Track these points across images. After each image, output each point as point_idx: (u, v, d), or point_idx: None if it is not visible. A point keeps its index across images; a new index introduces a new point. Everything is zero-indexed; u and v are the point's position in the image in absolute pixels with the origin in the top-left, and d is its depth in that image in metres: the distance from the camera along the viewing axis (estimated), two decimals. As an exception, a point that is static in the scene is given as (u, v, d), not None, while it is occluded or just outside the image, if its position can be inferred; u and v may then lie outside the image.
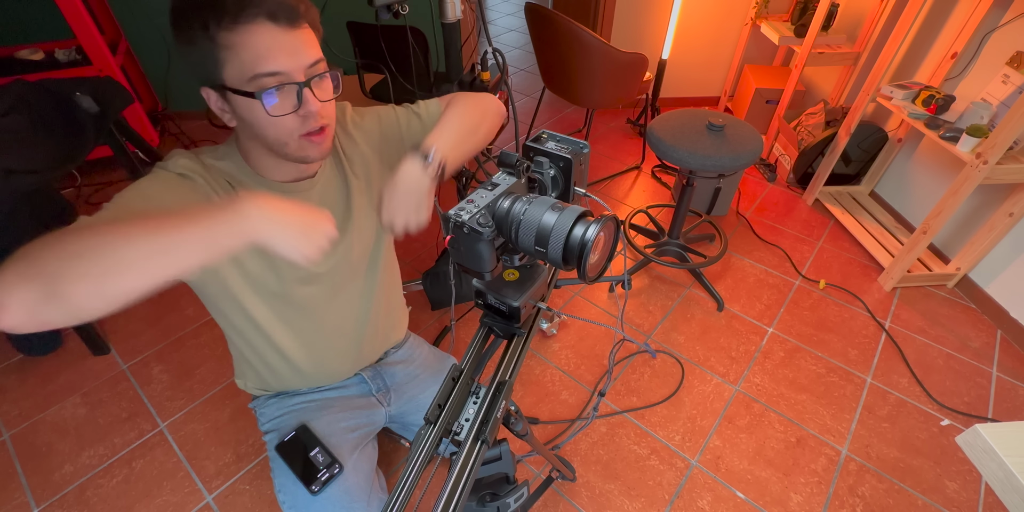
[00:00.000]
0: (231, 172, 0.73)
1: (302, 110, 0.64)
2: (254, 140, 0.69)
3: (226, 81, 0.61)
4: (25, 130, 1.37)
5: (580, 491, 1.32)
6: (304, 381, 1.02)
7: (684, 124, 1.65)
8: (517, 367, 0.66)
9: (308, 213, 0.57)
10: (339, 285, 0.90)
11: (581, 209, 0.52)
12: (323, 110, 0.67)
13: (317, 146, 0.69)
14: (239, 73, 0.60)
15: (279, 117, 0.63)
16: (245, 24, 0.58)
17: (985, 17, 1.73)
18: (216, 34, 0.58)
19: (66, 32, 2.06)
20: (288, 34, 0.61)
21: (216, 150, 0.75)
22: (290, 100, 0.63)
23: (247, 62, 0.59)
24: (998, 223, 1.71)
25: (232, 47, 0.59)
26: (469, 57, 2.82)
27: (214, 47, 0.59)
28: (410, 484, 0.56)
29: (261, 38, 0.59)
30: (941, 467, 1.38)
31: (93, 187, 2.35)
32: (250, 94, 0.61)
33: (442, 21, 1.28)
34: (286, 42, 0.61)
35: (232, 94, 0.62)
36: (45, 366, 1.60)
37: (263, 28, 0.59)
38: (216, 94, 0.64)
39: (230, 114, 0.66)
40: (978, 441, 0.58)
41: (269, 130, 0.65)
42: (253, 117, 0.64)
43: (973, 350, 1.70)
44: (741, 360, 1.66)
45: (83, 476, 1.33)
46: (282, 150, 0.68)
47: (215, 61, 0.60)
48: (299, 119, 0.65)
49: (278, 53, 0.60)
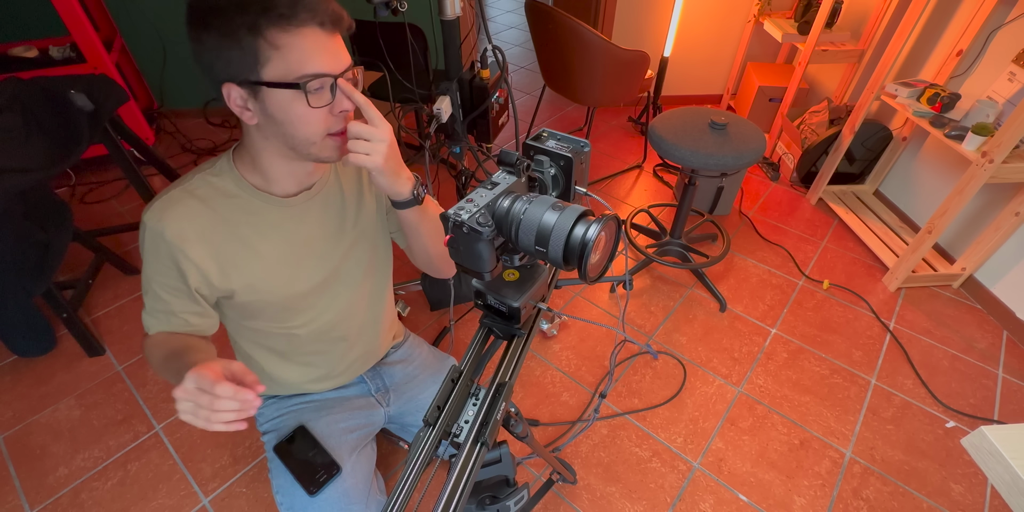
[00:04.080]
0: (228, 189, 0.75)
1: (336, 107, 0.67)
2: (274, 140, 0.70)
3: (264, 77, 0.62)
4: (18, 128, 1.36)
5: (581, 494, 1.31)
6: (301, 387, 1.03)
7: (686, 122, 1.63)
8: (517, 368, 0.65)
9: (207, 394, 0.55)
10: (335, 294, 0.91)
11: (582, 208, 0.51)
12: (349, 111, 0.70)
13: (337, 148, 0.71)
14: (283, 72, 0.62)
15: (316, 110, 0.65)
16: (298, 27, 0.61)
17: (991, 14, 1.71)
18: (266, 34, 0.60)
19: (60, 29, 2.05)
20: (331, 39, 0.64)
21: (214, 166, 0.76)
22: (325, 96, 0.66)
23: (294, 62, 0.62)
24: (1004, 222, 1.70)
25: (281, 48, 0.61)
26: (468, 55, 2.80)
27: (260, 46, 0.61)
28: (409, 486, 0.56)
29: (309, 41, 0.62)
30: (946, 470, 1.36)
31: (88, 186, 2.34)
32: (294, 85, 0.63)
33: (441, 18, 1.27)
34: (330, 45, 0.64)
35: (268, 90, 0.63)
36: (39, 367, 1.58)
37: (312, 32, 0.62)
38: (242, 91, 0.64)
39: (252, 112, 0.66)
40: (984, 443, 0.57)
41: (300, 127, 0.67)
42: (287, 113, 0.65)
43: (979, 351, 1.69)
44: (744, 361, 1.65)
45: (77, 479, 1.32)
46: (307, 149, 0.69)
47: (256, 59, 0.61)
48: (331, 117, 0.67)
49: (324, 55, 0.63)
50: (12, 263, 1.38)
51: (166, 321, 0.77)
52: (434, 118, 1.36)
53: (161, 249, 0.72)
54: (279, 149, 0.71)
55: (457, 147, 1.47)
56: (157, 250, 0.73)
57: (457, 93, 1.36)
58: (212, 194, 0.74)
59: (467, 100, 1.39)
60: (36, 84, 1.45)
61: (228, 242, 0.75)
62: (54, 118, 1.43)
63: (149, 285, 0.76)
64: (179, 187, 0.74)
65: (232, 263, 0.76)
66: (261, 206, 0.77)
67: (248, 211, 0.76)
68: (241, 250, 0.77)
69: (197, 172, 0.76)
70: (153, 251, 0.73)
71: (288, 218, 0.79)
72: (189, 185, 0.74)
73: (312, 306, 0.88)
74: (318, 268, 0.85)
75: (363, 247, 0.91)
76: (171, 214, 0.71)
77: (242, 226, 0.76)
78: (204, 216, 0.73)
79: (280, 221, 0.79)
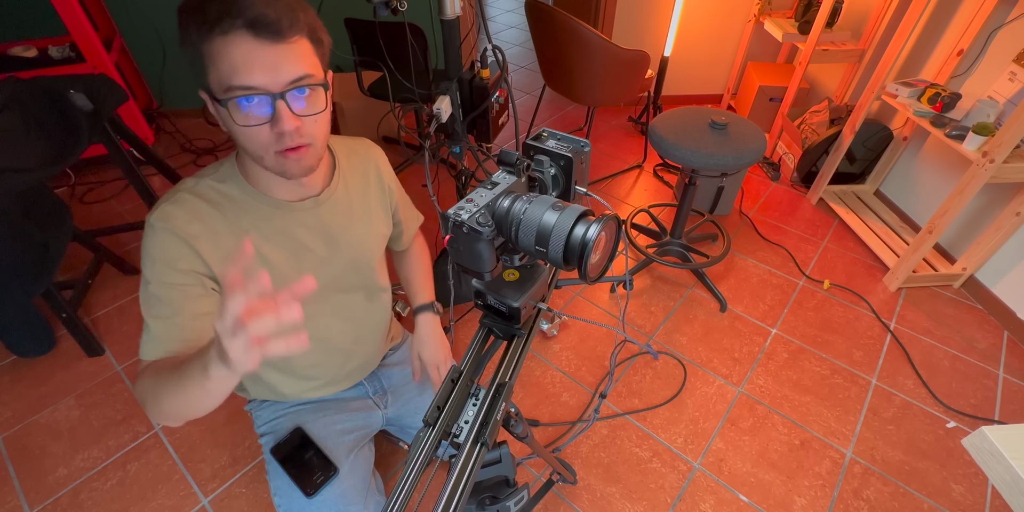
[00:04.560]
0: (233, 194, 0.74)
1: (276, 127, 0.61)
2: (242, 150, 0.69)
3: (209, 88, 0.61)
4: (18, 128, 1.35)
5: (581, 494, 1.30)
6: (300, 396, 1.02)
7: (686, 122, 1.63)
8: (517, 369, 0.65)
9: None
10: (336, 302, 0.91)
11: (582, 208, 0.51)
12: (303, 128, 0.64)
13: (295, 162, 0.66)
14: (217, 83, 0.60)
15: (250, 128, 0.62)
16: (223, 35, 0.57)
17: (992, 13, 1.71)
18: (198, 41, 0.58)
19: (60, 29, 2.04)
20: (269, 48, 0.58)
21: (218, 170, 0.75)
22: (261, 112, 0.61)
23: (224, 73, 0.58)
24: (1005, 222, 1.69)
25: (211, 56, 0.58)
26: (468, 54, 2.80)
27: (198, 55, 0.59)
28: (408, 487, 0.55)
29: (238, 50, 0.57)
30: (947, 470, 1.36)
31: (87, 186, 2.34)
32: (219, 101, 0.60)
33: (441, 18, 1.27)
34: (265, 57, 0.58)
35: (212, 101, 0.62)
36: (39, 367, 1.58)
37: (242, 40, 0.57)
38: (209, 98, 0.64)
39: (221, 120, 0.65)
40: (984, 444, 0.57)
41: (245, 142, 0.64)
42: (230, 126, 0.63)
43: (979, 351, 1.68)
44: (744, 361, 1.64)
45: (77, 479, 1.31)
46: (261, 163, 0.67)
47: (201, 68, 0.60)
48: (273, 135, 0.63)
49: (254, 67, 0.58)
50: (11, 263, 1.38)
51: (170, 330, 0.69)
52: (434, 118, 1.35)
53: (169, 242, 0.68)
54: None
55: (457, 147, 1.47)
56: (164, 244, 0.68)
57: (457, 93, 1.36)
58: (219, 198, 0.73)
59: (467, 100, 1.39)
60: (35, 84, 1.44)
61: (238, 247, 0.74)
62: (53, 118, 1.43)
63: (153, 291, 0.69)
64: (185, 190, 0.72)
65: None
66: (269, 211, 0.76)
67: (255, 216, 0.75)
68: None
69: (200, 177, 0.74)
70: (160, 246, 0.68)
71: (295, 224, 0.79)
72: (196, 188, 0.72)
73: (311, 316, 0.87)
74: (320, 275, 0.84)
75: (364, 260, 0.90)
76: (181, 215, 0.70)
77: (250, 231, 0.75)
78: (215, 219, 0.72)
79: (286, 227, 0.78)
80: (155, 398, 0.62)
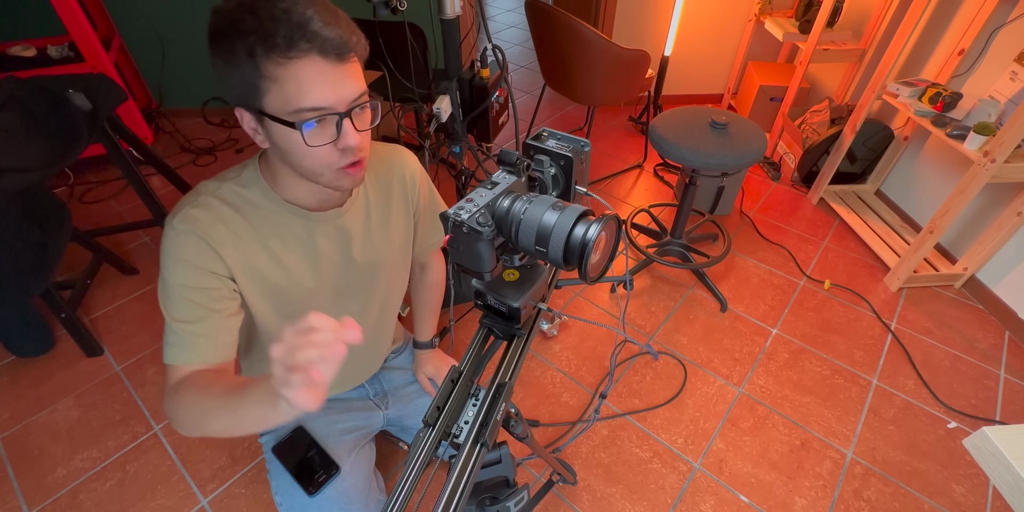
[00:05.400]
0: (256, 200, 0.73)
1: (340, 143, 0.63)
2: (286, 165, 0.68)
3: (265, 108, 0.60)
4: (16, 128, 1.35)
5: (581, 495, 1.30)
6: None
7: (687, 122, 1.62)
8: (517, 369, 0.65)
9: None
10: (345, 312, 0.89)
11: (582, 208, 0.51)
12: (361, 143, 0.65)
13: (352, 177, 0.68)
14: (281, 104, 0.59)
15: (318, 148, 0.62)
16: (295, 59, 0.56)
17: (993, 13, 1.71)
18: (262, 64, 0.56)
19: (59, 28, 2.04)
20: (336, 69, 0.59)
21: (240, 176, 0.74)
22: (329, 131, 0.62)
23: (291, 95, 0.58)
24: (1006, 222, 1.69)
25: (277, 79, 0.57)
26: (468, 54, 2.79)
27: (257, 76, 0.57)
28: (409, 487, 0.55)
29: (308, 73, 0.57)
30: (948, 470, 1.36)
31: (86, 186, 2.33)
32: (290, 124, 0.60)
33: (441, 17, 1.27)
34: (332, 77, 0.59)
35: (270, 120, 0.61)
36: (37, 368, 1.58)
37: (312, 63, 0.57)
38: (251, 116, 0.63)
39: (263, 136, 0.65)
40: (985, 444, 0.57)
41: (305, 160, 0.64)
42: (289, 145, 0.63)
43: (980, 351, 1.68)
44: (745, 362, 1.64)
45: (76, 480, 1.31)
46: (316, 180, 0.68)
47: (256, 88, 0.59)
48: (337, 152, 0.64)
49: (323, 88, 0.59)
50: (10, 263, 1.38)
51: (198, 335, 0.68)
52: (434, 117, 1.35)
53: (193, 245, 0.68)
54: (293, 174, 0.70)
55: (457, 147, 1.47)
56: (188, 247, 0.67)
57: (457, 92, 1.36)
58: (241, 203, 0.72)
59: (467, 99, 1.39)
60: (34, 83, 1.44)
61: (259, 252, 0.74)
62: (52, 117, 1.43)
63: (177, 294, 0.68)
64: (208, 193, 0.71)
65: (258, 272, 0.75)
66: (290, 219, 0.75)
67: (276, 222, 0.74)
68: (269, 261, 0.75)
69: (223, 180, 0.73)
70: (184, 249, 0.67)
71: (316, 233, 0.78)
72: (219, 192, 0.71)
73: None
74: (335, 283, 0.84)
75: (380, 269, 0.90)
76: (204, 218, 0.69)
77: (271, 237, 0.74)
78: (237, 223, 0.71)
79: (306, 234, 0.77)
80: (203, 417, 0.61)
